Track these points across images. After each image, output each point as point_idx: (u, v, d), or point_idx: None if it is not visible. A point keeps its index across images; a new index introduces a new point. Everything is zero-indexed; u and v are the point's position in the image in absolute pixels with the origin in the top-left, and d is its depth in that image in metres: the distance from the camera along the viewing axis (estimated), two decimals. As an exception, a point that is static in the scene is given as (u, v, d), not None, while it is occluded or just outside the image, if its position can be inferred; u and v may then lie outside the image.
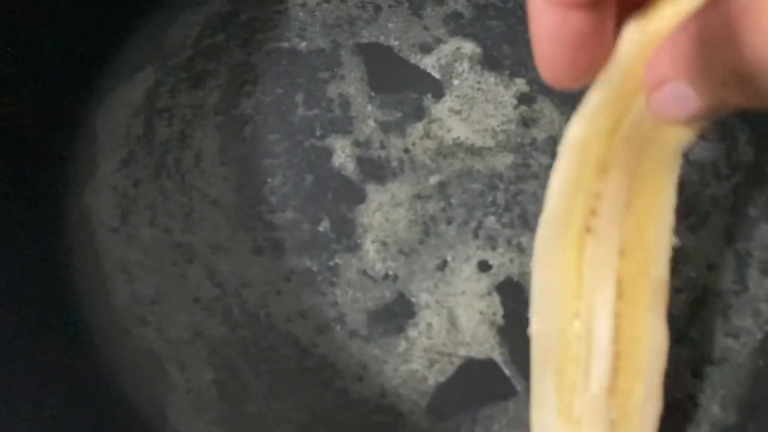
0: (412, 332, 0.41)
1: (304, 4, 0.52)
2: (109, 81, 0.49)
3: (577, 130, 0.37)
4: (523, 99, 0.49)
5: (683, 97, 0.30)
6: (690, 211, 0.45)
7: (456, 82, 0.50)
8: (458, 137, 0.47)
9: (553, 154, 0.42)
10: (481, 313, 0.41)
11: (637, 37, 0.30)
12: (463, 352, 0.40)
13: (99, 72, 0.49)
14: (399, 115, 0.48)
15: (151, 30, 0.51)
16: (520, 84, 0.50)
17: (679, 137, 0.36)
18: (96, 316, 0.41)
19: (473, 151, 0.47)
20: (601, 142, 0.37)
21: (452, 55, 0.51)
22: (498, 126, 0.48)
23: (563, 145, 0.37)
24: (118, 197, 0.45)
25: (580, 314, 0.35)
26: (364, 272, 0.43)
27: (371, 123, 0.48)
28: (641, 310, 0.35)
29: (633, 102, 0.34)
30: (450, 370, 0.40)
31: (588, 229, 0.36)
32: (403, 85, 0.49)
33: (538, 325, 0.36)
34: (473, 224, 0.44)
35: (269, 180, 0.46)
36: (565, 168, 0.37)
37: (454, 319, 0.41)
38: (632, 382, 0.35)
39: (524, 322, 0.40)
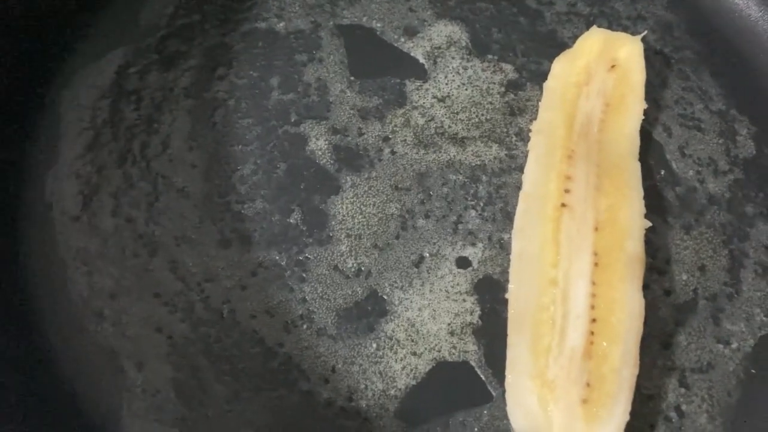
0: (383, 332, 0.39)
1: (282, -17, 0.49)
2: (76, 61, 0.46)
3: (542, 116, 0.43)
4: (511, 86, 0.46)
5: None
6: (684, 208, 0.43)
7: (441, 67, 0.47)
8: (441, 126, 0.45)
9: (534, 146, 0.42)
10: (457, 313, 0.39)
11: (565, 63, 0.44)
12: (436, 354, 0.38)
13: (65, 51, 0.46)
14: (379, 101, 0.46)
15: (122, 8, 0.48)
16: (509, 70, 0.47)
17: (620, 143, 0.42)
18: (50, 308, 0.39)
19: (456, 140, 0.45)
20: (561, 131, 0.42)
21: (438, 39, 0.48)
22: (483, 114, 0.45)
23: (533, 129, 0.43)
24: (81, 184, 0.42)
25: (557, 281, 0.37)
26: (335, 267, 0.40)
27: (349, 109, 0.45)
28: (617, 279, 0.37)
29: (575, 107, 0.43)
30: (421, 372, 0.38)
31: (563, 205, 0.39)
32: (384, 70, 0.46)
33: (515, 290, 0.38)
34: (453, 218, 0.42)
35: (239, 168, 0.43)
36: (536, 149, 0.42)
37: (428, 318, 0.39)
38: (609, 346, 0.35)
39: (502, 324, 0.38)
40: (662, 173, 0.44)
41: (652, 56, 0.48)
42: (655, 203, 0.42)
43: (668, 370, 0.38)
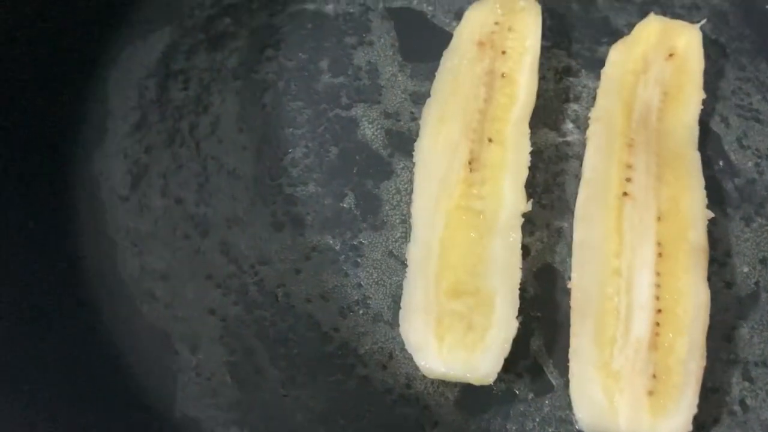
0: (440, 319, 0.38)
1: (332, -36, 0.48)
2: (123, 40, 0.46)
3: (600, 104, 0.42)
4: (565, 72, 0.46)
5: None
6: (744, 200, 0.42)
7: (493, 52, 0.46)
8: (494, 112, 0.44)
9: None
10: (518, 300, 0.38)
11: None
12: (495, 342, 0.37)
13: (112, 30, 0.46)
14: (431, 85, 0.44)
15: (168, -13, 0.48)
16: (562, 56, 0.46)
17: (680, 132, 0.41)
18: (102, 290, 0.38)
19: (510, 127, 0.44)
20: (620, 119, 0.41)
21: (489, 24, 0.47)
22: (538, 100, 0.44)
23: (591, 116, 0.42)
24: (129, 164, 0.42)
25: (620, 271, 0.36)
26: (391, 253, 0.40)
27: (401, 93, 0.45)
28: (681, 269, 0.37)
29: (634, 96, 0.42)
30: (481, 361, 0.37)
31: (625, 194, 0.39)
32: (436, 54, 0.45)
33: (577, 280, 0.37)
34: (509, 205, 0.41)
35: (290, 151, 0.42)
36: (595, 137, 0.41)
37: (486, 306, 0.38)
38: (674, 337, 0.35)
39: (562, 313, 0.38)
40: (720, 164, 0.43)
41: (708, 45, 0.46)
42: (714, 195, 0.41)
43: (731, 363, 0.37)
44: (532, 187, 0.42)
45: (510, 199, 0.38)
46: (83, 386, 0.35)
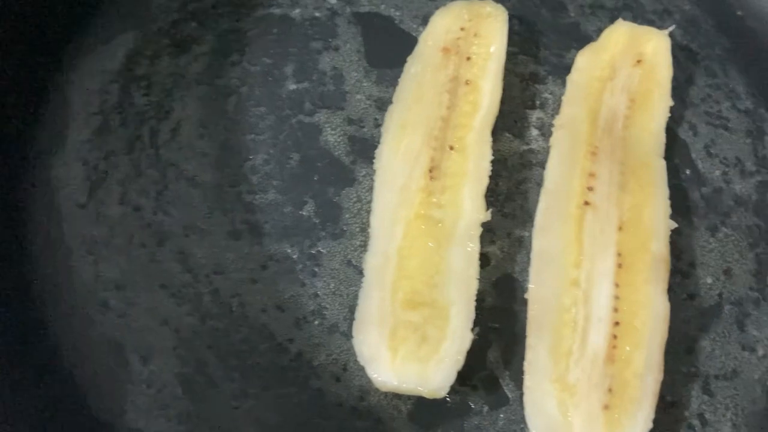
0: (397, 330, 0.37)
1: (298, -32, 0.48)
2: (85, 44, 0.45)
3: (565, 111, 0.42)
4: (532, 79, 0.45)
5: None
6: (710, 209, 0.41)
7: (460, 58, 0.46)
8: (459, 119, 0.44)
9: (561, 141, 0.40)
10: (473, 311, 0.38)
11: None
12: (451, 354, 0.37)
13: (74, 34, 0.45)
14: (396, 91, 0.44)
15: (133, -10, 0.47)
16: (529, 63, 0.46)
17: (645, 140, 0.41)
18: (55, 297, 0.37)
19: (475, 134, 0.43)
20: (585, 127, 0.41)
21: (457, 29, 0.47)
22: (503, 107, 0.44)
23: (556, 123, 0.42)
24: (88, 170, 0.41)
25: (579, 282, 0.36)
26: (349, 262, 0.39)
27: (365, 99, 0.44)
28: (641, 281, 0.36)
29: (600, 102, 0.41)
30: (437, 373, 0.36)
31: (586, 203, 0.38)
32: (402, 59, 0.45)
33: (535, 290, 0.36)
34: (471, 214, 0.41)
35: (251, 158, 0.42)
36: (558, 145, 0.41)
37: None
38: (632, 350, 0.34)
39: (520, 324, 0.37)
40: (687, 173, 0.43)
41: (678, 52, 0.46)
42: (679, 204, 0.41)
43: (691, 376, 0.37)
44: (494, 196, 0.41)
45: (469, 208, 0.38)
46: (29, 395, 0.35)
